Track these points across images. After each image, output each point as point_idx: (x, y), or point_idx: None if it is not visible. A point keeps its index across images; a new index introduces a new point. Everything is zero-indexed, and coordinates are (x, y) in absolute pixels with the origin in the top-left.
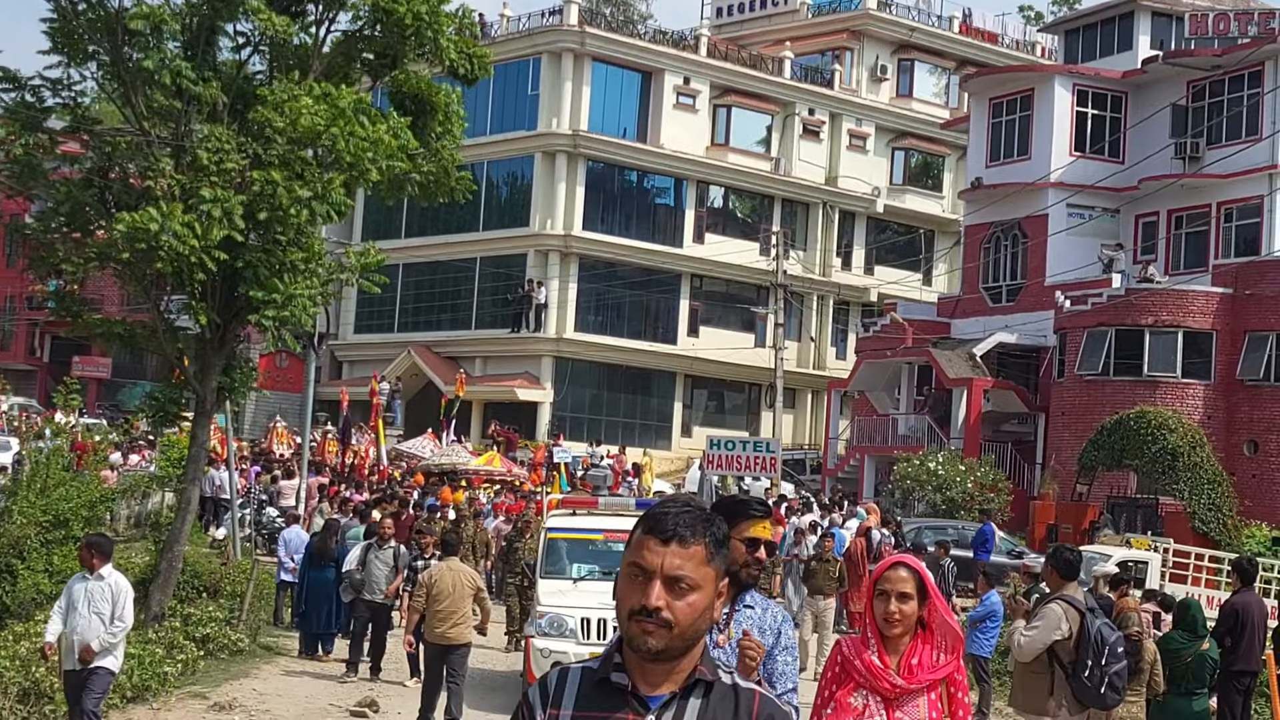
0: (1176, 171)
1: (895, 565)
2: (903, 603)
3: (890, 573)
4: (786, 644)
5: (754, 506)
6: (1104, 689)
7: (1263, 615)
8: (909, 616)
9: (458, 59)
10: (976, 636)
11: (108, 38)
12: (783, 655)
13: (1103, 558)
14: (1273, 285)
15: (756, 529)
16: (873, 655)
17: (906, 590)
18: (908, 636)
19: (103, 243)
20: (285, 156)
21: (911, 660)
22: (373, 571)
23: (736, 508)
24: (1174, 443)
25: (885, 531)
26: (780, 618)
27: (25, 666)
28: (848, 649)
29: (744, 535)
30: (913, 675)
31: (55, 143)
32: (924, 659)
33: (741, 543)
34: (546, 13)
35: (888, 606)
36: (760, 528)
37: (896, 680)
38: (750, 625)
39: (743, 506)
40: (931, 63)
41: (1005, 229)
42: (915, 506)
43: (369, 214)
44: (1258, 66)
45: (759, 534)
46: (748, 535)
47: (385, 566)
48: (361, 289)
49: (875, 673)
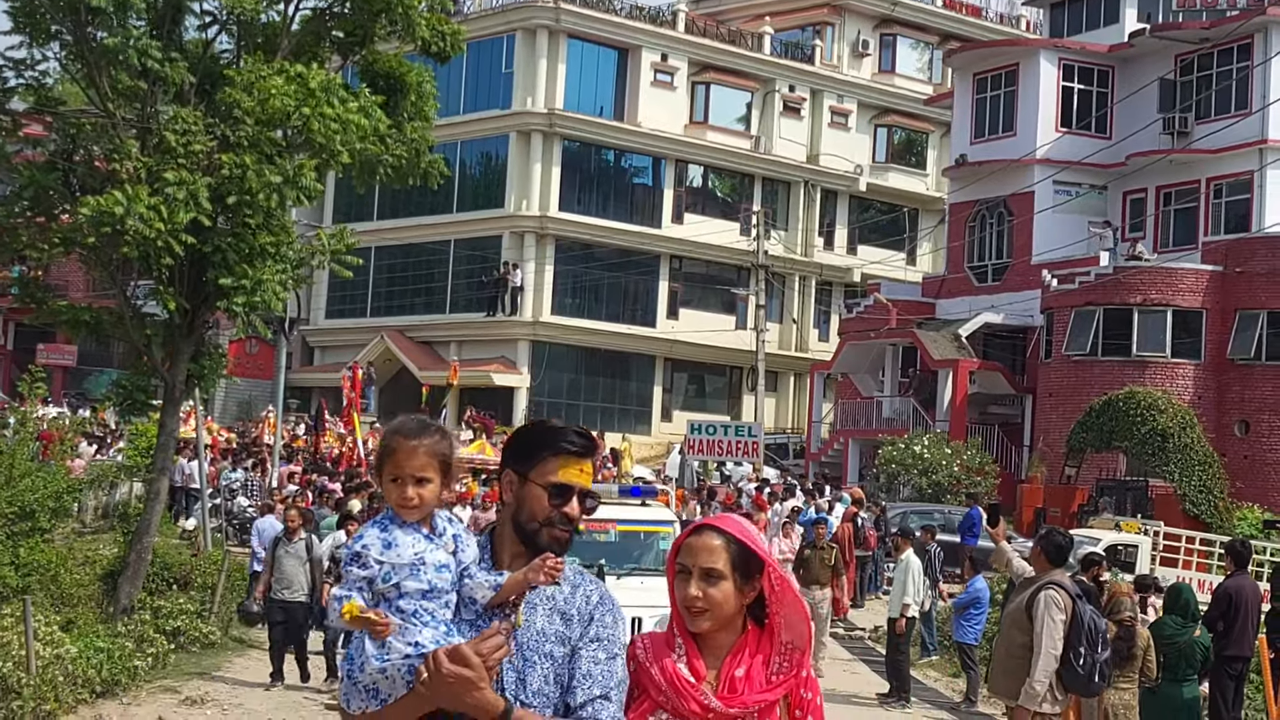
0: (1165, 147)
1: (701, 530)
2: (710, 583)
3: (693, 541)
4: (599, 635)
5: (568, 438)
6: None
7: (1256, 599)
8: (720, 605)
9: (430, 36)
10: (961, 623)
11: (71, 16)
12: (590, 649)
13: (1092, 541)
14: (1264, 262)
15: (569, 471)
16: (678, 662)
17: (715, 566)
18: (731, 635)
19: (67, 227)
20: (254, 138)
21: (735, 671)
22: (284, 566)
23: (539, 439)
24: (1164, 424)
25: (866, 515)
26: (596, 599)
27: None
28: (644, 651)
29: (549, 479)
30: (735, 694)
31: (18, 125)
32: (754, 671)
33: (544, 489)
34: None
35: (687, 589)
36: (576, 469)
37: (710, 701)
38: (548, 610)
39: (549, 437)
40: (914, 38)
41: (990, 207)
42: (901, 491)
43: (340, 196)
44: (1246, 39)
45: (572, 479)
46: (555, 480)
47: (298, 560)
48: (333, 273)
49: (680, 688)
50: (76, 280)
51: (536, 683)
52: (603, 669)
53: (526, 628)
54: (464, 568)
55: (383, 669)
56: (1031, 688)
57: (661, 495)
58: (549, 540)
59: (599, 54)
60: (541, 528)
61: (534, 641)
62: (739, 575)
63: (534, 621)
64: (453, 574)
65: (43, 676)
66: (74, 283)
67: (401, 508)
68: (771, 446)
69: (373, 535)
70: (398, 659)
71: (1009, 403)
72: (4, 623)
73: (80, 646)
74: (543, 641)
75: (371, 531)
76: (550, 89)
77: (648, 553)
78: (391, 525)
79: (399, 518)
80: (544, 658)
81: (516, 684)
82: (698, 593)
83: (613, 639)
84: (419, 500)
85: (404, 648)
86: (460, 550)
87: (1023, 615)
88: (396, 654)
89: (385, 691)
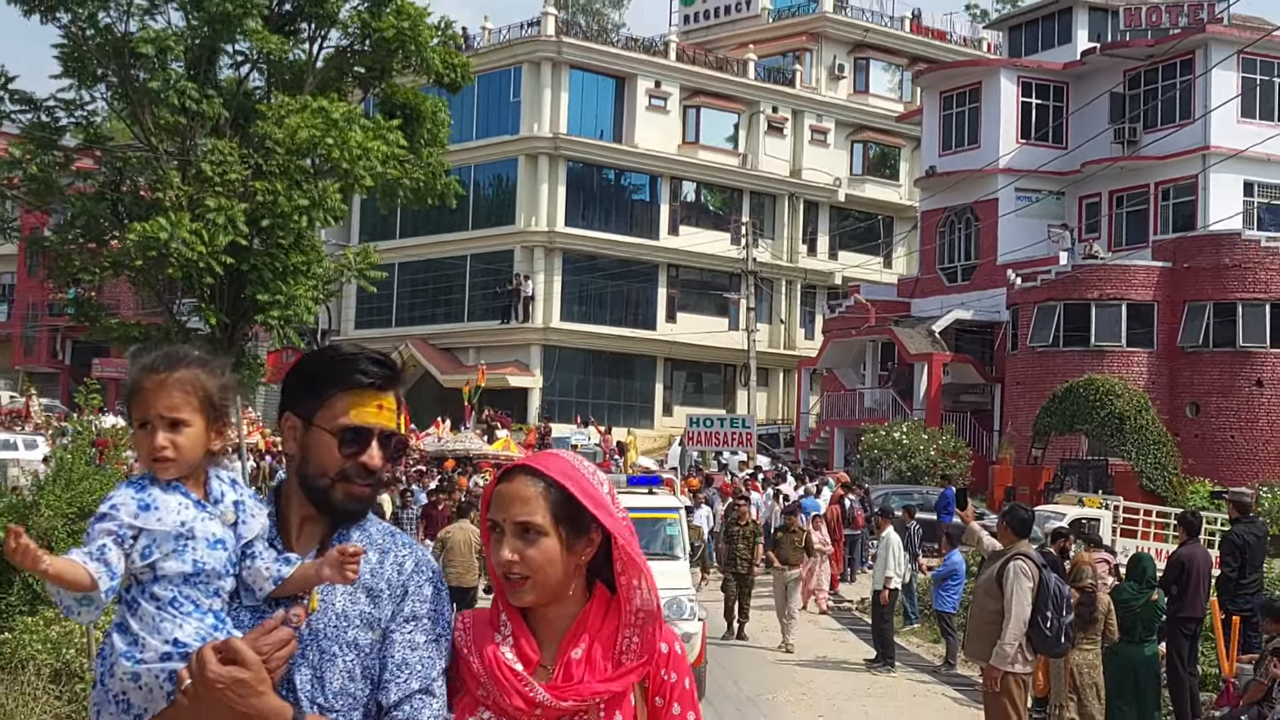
0: (1116, 155)
1: (513, 474)
2: (527, 542)
3: (503, 489)
4: (416, 613)
5: (359, 368)
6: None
7: (1207, 565)
8: (543, 570)
9: (443, 69)
10: (940, 594)
11: (116, 61)
12: (405, 632)
13: (1058, 516)
14: (1209, 258)
15: (364, 409)
16: (502, 646)
17: (531, 519)
18: (569, 607)
19: (117, 251)
20: (285, 166)
21: (572, 654)
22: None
23: (324, 372)
24: (1121, 408)
25: (853, 497)
26: (411, 566)
27: (56, 649)
28: (464, 634)
29: (338, 421)
30: (571, 683)
31: (69, 160)
32: (596, 652)
33: (333, 435)
34: (525, 24)
35: (500, 551)
36: (373, 407)
37: (537, 694)
38: (351, 587)
39: (337, 369)
40: (885, 60)
41: (958, 213)
42: (882, 474)
43: (365, 217)
44: (1188, 54)
45: (369, 419)
46: (346, 421)
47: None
48: (360, 287)
49: (501, 680)
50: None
51: (338, 680)
52: (422, 656)
53: (323, 611)
54: (245, 544)
55: (134, 673)
56: (1002, 649)
57: (666, 483)
58: (344, 499)
59: (598, 82)
60: (334, 484)
61: (333, 628)
62: (566, 529)
63: (332, 603)
64: (230, 552)
65: None
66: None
67: (154, 462)
68: (764, 436)
69: (126, 495)
70: (153, 660)
71: (979, 392)
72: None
73: None
74: (344, 628)
75: (125, 491)
76: (554, 115)
77: (655, 538)
78: (151, 485)
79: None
80: (347, 648)
81: (313, 684)
82: (513, 555)
83: (434, 617)
84: (173, 450)
85: (160, 645)
86: (242, 521)
87: (994, 584)
88: (151, 653)
89: (140, 705)
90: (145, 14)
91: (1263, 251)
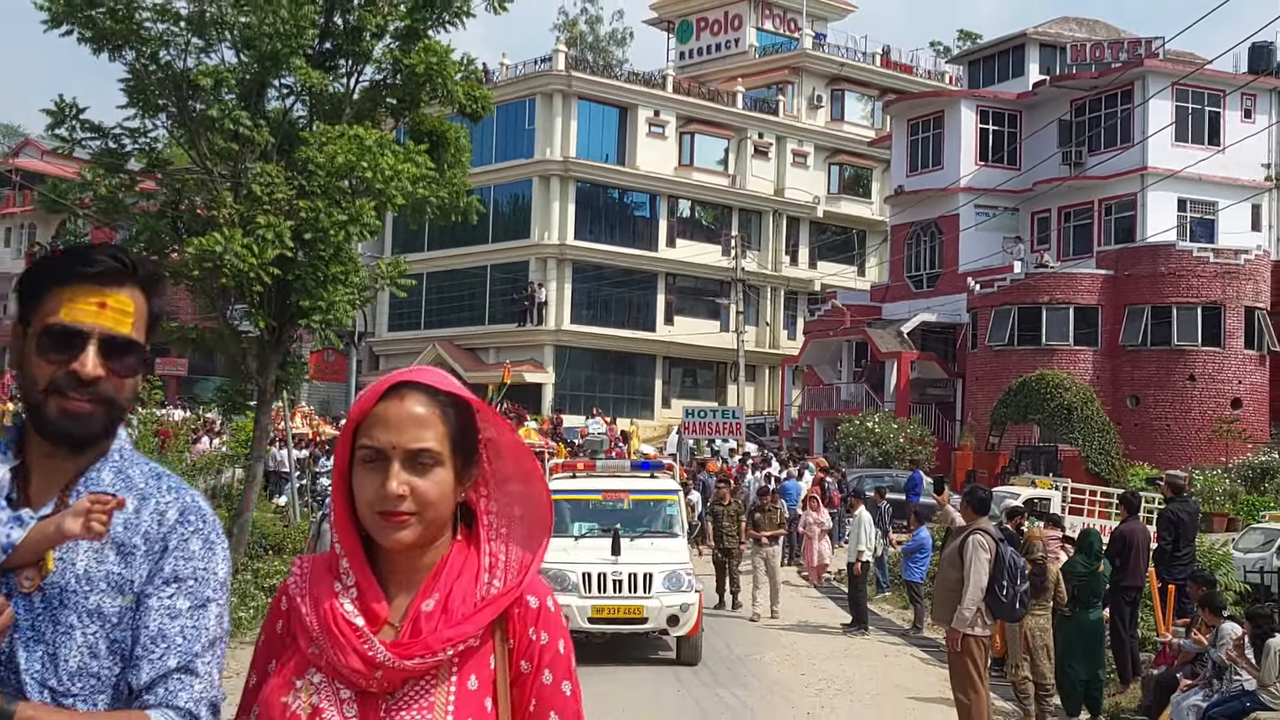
0: (1064, 175)
1: (401, 390)
2: (416, 471)
3: (388, 409)
4: (179, 573)
5: (81, 257)
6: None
7: (1146, 539)
8: (434, 505)
9: (465, 100)
10: (909, 565)
11: (175, 93)
12: (164, 597)
13: (1013, 496)
14: (1147, 266)
15: (79, 306)
16: (343, 598)
17: (428, 445)
18: (435, 553)
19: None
20: (325, 187)
21: (423, 605)
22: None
23: (50, 265)
24: (1069, 400)
25: (831, 479)
26: (175, 515)
27: None
28: (298, 583)
29: (47, 321)
30: (418, 638)
31: (134, 182)
32: (455, 601)
33: (39, 337)
34: (539, 60)
35: (384, 485)
36: (92, 304)
37: (377, 652)
38: (97, 543)
39: (61, 261)
40: (859, 91)
41: (924, 227)
42: (857, 459)
43: (397, 232)
44: (1129, 86)
45: (82, 317)
46: (55, 320)
47: None
48: (393, 294)
49: (337, 636)
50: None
51: (77, 658)
52: (183, 626)
53: (60, 573)
54: None
55: None
56: (962, 613)
57: (668, 467)
58: (57, 414)
59: (604, 112)
60: (46, 398)
61: (71, 594)
62: (460, 458)
63: (72, 562)
64: None
65: None
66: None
67: None
68: (752, 426)
69: None
70: None
71: (943, 386)
72: None
73: None
74: (87, 592)
75: None
76: (565, 141)
77: (657, 518)
78: None
79: None
80: (89, 618)
81: (43, 664)
82: (401, 489)
83: (202, 578)
84: None
85: None
86: None
87: (956, 556)
88: None
89: None
90: (201, 52)
91: (1194, 261)
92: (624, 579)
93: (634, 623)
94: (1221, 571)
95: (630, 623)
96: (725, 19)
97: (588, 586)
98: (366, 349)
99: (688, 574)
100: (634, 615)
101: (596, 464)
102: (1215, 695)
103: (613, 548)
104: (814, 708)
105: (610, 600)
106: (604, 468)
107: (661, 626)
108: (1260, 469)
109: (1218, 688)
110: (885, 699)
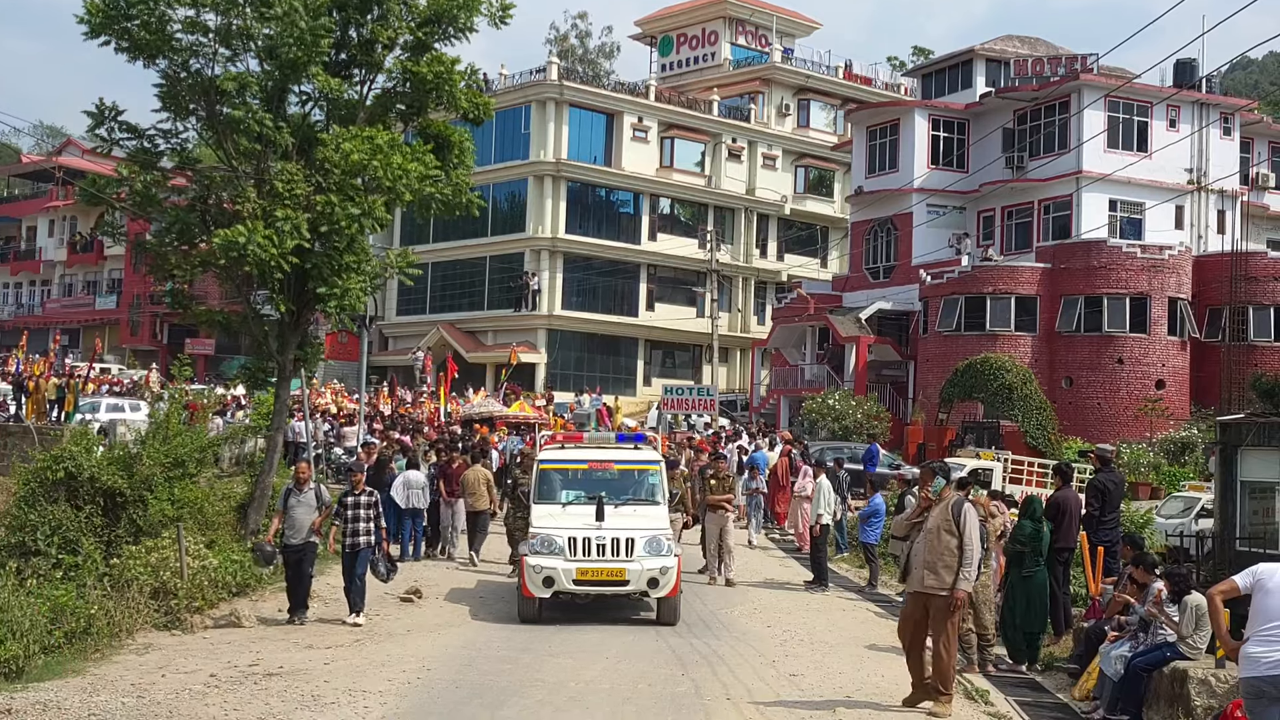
0: (1007, 178)
1: None
2: None
3: None
4: None
5: None
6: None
7: (1078, 506)
8: None
9: (468, 107)
10: (865, 528)
11: (204, 97)
12: None
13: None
14: (1081, 261)
15: None
16: None
17: None
18: None
19: (205, 253)
20: (340, 184)
21: None
22: (294, 515)
23: None
24: (1010, 380)
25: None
26: None
27: (155, 572)
28: None
29: None
30: None
31: (166, 178)
32: None
33: None
34: (534, 71)
35: None
36: None
37: None
38: None
39: None
40: (823, 101)
41: (881, 224)
42: (819, 433)
43: (405, 225)
44: (1066, 97)
45: None
46: None
47: (307, 508)
48: (401, 281)
49: None
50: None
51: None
52: None
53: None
54: None
55: None
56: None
57: (651, 440)
58: None
59: (592, 118)
60: None
61: None
62: None
63: None
64: None
65: (193, 582)
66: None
67: None
68: (725, 403)
69: None
70: None
71: (897, 367)
72: (164, 543)
73: (220, 559)
74: None
75: None
76: (557, 144)
77: (640, 487)
78: None
79: None
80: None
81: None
82: None
83: None
84: None
85: None
86: None
87: (951, 524)
88: None
89: None
90: (228, 60)
91: (1124, 256)
92: (607, 543)
93: (616, 585)
94: (1145, 534)
95: (613, 585)
96: (703, 35)
97: (573, 550)
98: (377, 331)
99: (667, 539)
100: (616, 578)
101: (584, 436)
102: (1140, 646)
103: (597, 514)
104: (779, 655)
105: (594, 563)
106: (591, 439)
107: (642, 588)
108: (1181, 443)
109: (1143, 640)
110: (843, 648)
